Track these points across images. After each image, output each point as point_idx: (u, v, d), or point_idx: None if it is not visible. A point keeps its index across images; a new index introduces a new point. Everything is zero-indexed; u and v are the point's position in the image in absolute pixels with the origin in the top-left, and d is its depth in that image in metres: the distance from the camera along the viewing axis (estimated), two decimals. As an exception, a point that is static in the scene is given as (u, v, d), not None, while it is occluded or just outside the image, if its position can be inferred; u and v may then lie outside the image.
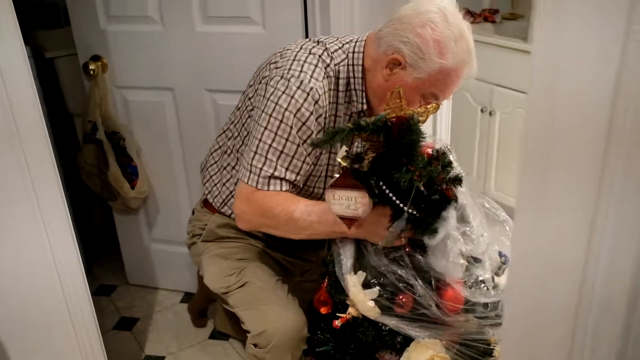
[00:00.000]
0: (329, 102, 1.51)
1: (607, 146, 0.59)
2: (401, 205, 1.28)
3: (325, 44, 1.53)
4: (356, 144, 1.58)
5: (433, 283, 1.33)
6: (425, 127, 1.89)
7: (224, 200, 1.69)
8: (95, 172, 2.33)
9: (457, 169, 1.34)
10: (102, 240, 2.87)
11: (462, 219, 1.33)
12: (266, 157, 1.45)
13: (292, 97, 1.43)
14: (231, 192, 1.67)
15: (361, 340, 1.42)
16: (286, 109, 1.43)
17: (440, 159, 1.32)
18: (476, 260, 1.34)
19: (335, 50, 1.53)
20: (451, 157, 1.34)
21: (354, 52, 1.52)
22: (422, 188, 1.25)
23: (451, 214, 1.29)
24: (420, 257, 1.34)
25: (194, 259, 1.83)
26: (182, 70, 2.13)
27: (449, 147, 1.37)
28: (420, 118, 1.29)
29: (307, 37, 1.97)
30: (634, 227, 0.60)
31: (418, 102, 1.49)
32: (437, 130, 2.03)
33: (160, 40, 2.10)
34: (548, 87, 0.62)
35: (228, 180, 1.68)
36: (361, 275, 1.36)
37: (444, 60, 1.40)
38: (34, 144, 1.48)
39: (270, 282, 1.62)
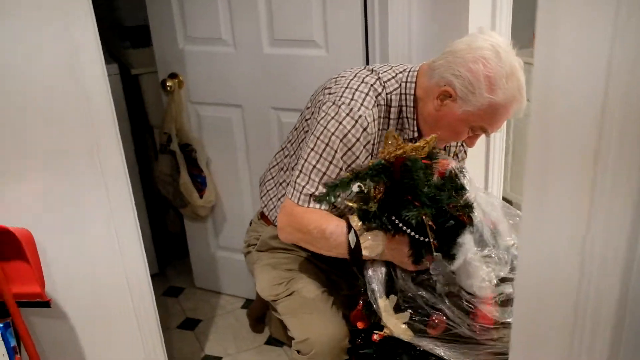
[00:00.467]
0: (378, 129, 1.58)
1: (596, 160, 0.64)
2: (417, 236, 1.33)
3: (379, 73, 1.61)
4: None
5: (464, 303, 1.37)
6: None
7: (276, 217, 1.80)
8: (168, 180, 2.51)
9: (469, 192, 1.37)
10: (174, 245, 3.06)
11: (481, 242, 1.36)
12: (309, 177, 1.55)
13: (341, 123, 1.52)
14: None
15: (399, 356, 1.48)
16: (333, 134, 1.52)
17: (453, 179, 1.36)
18: (504, 279, 1.37)
19: (389, 80, 1.60)
20: (464, 180, 1.38)
21: (406, 82, 1.59)
22: (430, 223, 1.30)
23: (467, 239, 1.32)
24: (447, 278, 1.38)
25: (249, 267, 1.94)
26: (250, 88, 2.28)
27: (463, 168, 1.41)
28: (421, 152, 1.34)
29: (367, 61, 2.06)
30: (621, 228, 0.65)
31: (466, 134, 1.55)
32: (491, 143, 2.07)
33: (231, 60, 2.26)
34: (546, 103, 0.68)
35: (283, 195, 1.78)
36: (393, 299, 1.42)
37: (494, 96, 1.44)
38: (110, 159, 1.65)
39: (315, 292, 1.71)
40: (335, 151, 1.53)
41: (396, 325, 1.41)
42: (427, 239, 1.33)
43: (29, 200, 1.59)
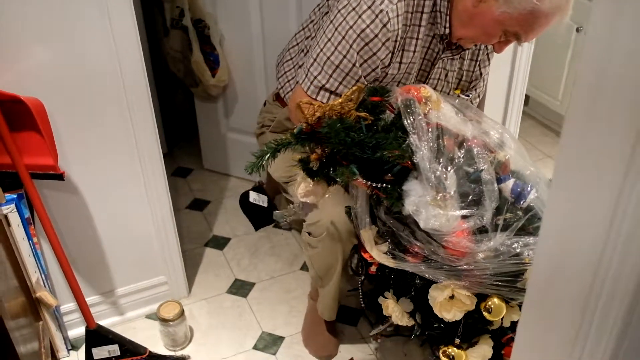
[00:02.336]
0: (404, 25, 1.49)
1: None
2: (365, 181, 1.32)
3: None
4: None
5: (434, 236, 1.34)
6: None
7: None
8: (179, 57, 2.42)
9: (411, 135, 1.31)
10: (183, 125, 3.01)
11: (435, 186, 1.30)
12: (322, 68, 1.50)
13: (360, 16, 1.43)
14: None
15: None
16: (351, 27, 1.44)
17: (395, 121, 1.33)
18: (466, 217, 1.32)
19: None
20: (407, 120, 1.32)
21: None
22: (360, 179, 1.30)
23: (412, 185, 1.28)
24: None
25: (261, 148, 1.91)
26: (269, -38, 2.14)
27: (411, 102, 1.34)
28: (346, 107, 1.30)
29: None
30: None
31: (498, 37, 1.46)
32: (517, 54, 1.99)
33: None
34: (604, 47, 0.61)
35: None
36: (374, 229, 1.41)
37: (539, 2, 1.33)
38: (123, 27, 1.56)
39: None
40: (351, 46, 1.46)
41: (378, 254, 1.41)
42: (375, 184, 1.31)
43: (39, 70, 1.52)
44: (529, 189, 1.37)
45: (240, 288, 2.16)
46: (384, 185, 1.31)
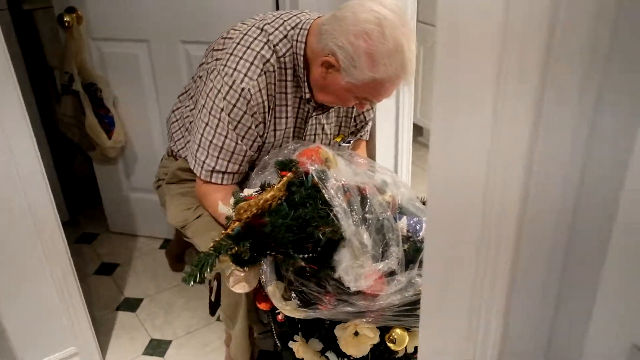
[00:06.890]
0: (269, 96, 1.54)
1: (498, 77, 0.65)
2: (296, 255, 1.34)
3: (269, 34, 1.54)
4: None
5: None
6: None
7: (186, 154, 1.77)
8: (73, 122, 2.39)
9: (335, 209, 1.33)
10: (84, 190, 2.94)
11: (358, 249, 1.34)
12: (208, 152, 1.55)
13: (225, 97, 1.50)
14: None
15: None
16: (222, 110, 1.51)
17: (317, 188, 1.35)
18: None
19: (280, 40, 1.54)
20: (327, 195, 1.33)
21: (297, 41, 1.54)
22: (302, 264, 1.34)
23: (342, 254, 1.32)
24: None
25: (160, 200, 1.92)
26: (156, 22, 2.17)
27: (324, 173, 1.37)
28: (278, 196, 1.32)
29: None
30: (520, 139, 0.67)
31: (353, 101, 1.55)
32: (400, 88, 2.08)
33: (133, -8, 2.13)
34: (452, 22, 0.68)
35: (189, 139, 1.75)
36: (280, 285, 1.43)
37: (375, 74, 1.41)
38: (7, 102, 1.54)
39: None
40: (227, 126, 1.52)
41: (289, 310, 1.42)
42: (306, 256, 1.35)
43: None
44: (422, 222, 1.44)
45: (157, 348, 2.12)
46: (314, 257, 1.34)
